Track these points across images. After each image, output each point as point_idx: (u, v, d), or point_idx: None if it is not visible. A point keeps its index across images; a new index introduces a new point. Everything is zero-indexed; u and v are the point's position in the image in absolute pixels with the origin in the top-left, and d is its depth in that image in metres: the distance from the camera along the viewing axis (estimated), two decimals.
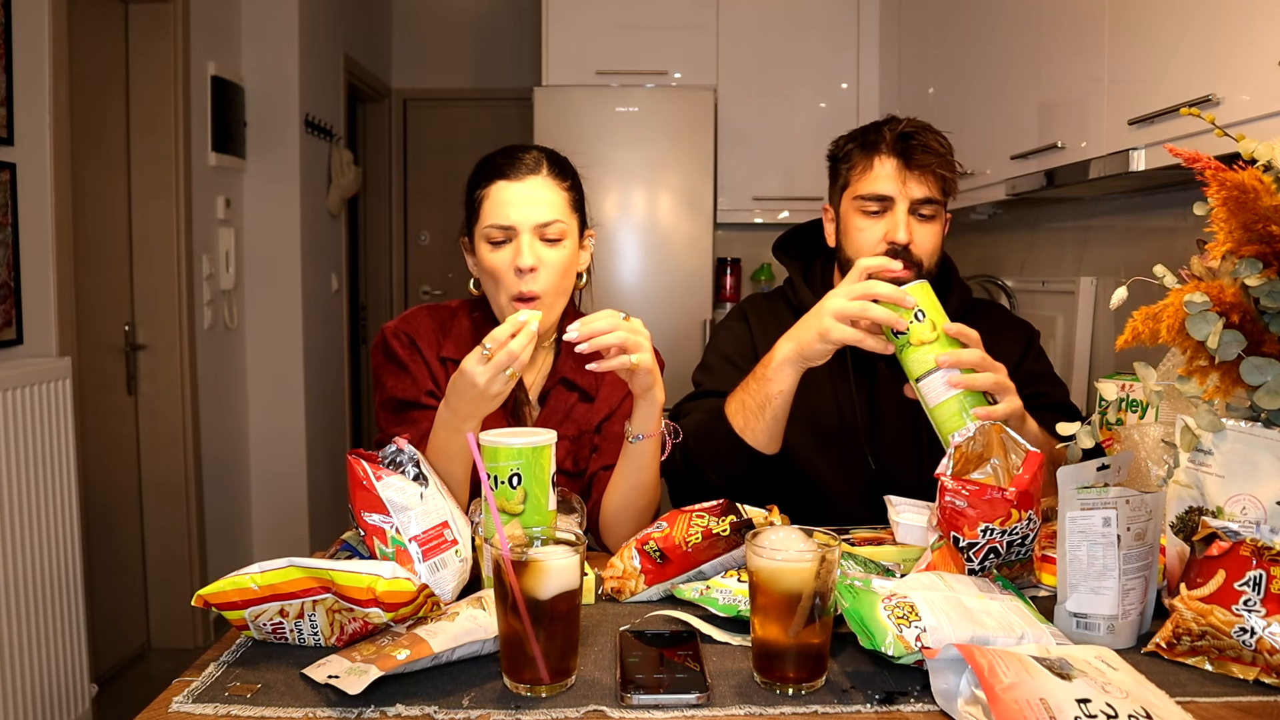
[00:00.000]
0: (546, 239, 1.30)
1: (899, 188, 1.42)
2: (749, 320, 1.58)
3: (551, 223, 1.30)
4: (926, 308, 1.21)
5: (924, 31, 3.10)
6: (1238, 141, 0.97)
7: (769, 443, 1.35)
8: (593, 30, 3.62)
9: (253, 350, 3.66)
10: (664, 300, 3.55)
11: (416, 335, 1.37)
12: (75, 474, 2.40)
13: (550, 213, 1.31)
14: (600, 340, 1.13)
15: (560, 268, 1.31)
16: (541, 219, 1.30)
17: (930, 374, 1.19)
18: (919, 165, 1.41)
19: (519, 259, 1.28)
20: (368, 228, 5.12)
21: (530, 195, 1.31)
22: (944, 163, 1.42)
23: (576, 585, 0.86)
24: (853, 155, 1.47)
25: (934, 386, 1.19)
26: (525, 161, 1.33)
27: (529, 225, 1.29)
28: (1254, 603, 0.87)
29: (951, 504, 1.03)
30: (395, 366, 1.37)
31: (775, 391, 1.32)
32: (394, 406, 1.36)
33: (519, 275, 1.29)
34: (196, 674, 0.88)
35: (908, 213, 1.41)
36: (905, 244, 1.40)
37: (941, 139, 1.44)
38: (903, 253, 1.40)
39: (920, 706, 0.82)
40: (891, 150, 1.42)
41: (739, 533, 1.08)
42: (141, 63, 3.06)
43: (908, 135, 1.42)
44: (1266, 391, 0.92)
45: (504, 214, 1.29)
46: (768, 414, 1.33)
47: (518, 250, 1.29)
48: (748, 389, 1.35)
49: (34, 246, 2.40)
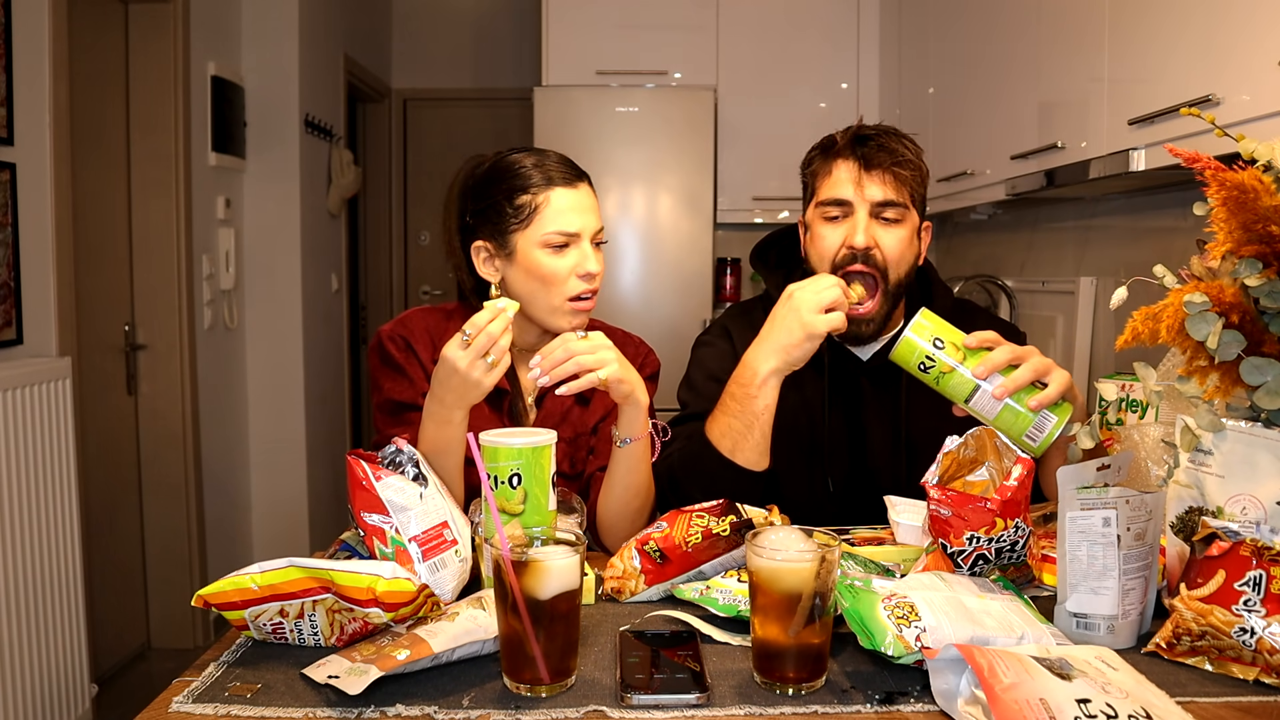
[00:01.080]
0: (597, 244, 1.35)
1: (857, 191, 1.38)
2: (732, 336, 1.52)
3: (601, 228, 1.36)
4: (941, 333, 1.19)
5: (924, 31, 3.10)
6: (1238, 141, 0.97)
7: (760, 459, 1.32)
8: (593, 30, 3.62)
9: (253, 350, 3.66)
10: (664, 300, 3.55)
11: (412, 337, 1.38)
12: (75, 474, 2.40)
13: (600, 219, 1.36)
14: (559, 371, 1.17)
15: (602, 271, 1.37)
16: (598, 225, 1.35)
17: (975, 393, 1.16)
18: (876, 166, 1.37)
19: (587, 264, 1.31)
20: (368, 228, 5.12)
21: (589, 203, 1.35)
22: (903, 162, 1.38)
23: (576, 585, 0.86)
24: (814, 162, 1.44)
25: (984, 403, 1.16)
26: (575, 168, 1.36)
27: (590, 231, 1.33)
28: (1254, 603, 0.87)
29: (937, 512, 1.03)
30: (391, 369, 1.38)
31: (761, 407, 1.29)
32: (390, 408, 1.37)
33: (583, 279, 1.32)
34: (196, 674, 0.88)
35: (869, 216, 1.38)
36: (864, 247, 1.37)
37: (906, 142, 1.40)
38: (863, 256, 1.38)
39: (920, 706, 0.82)
40: (848, 153, 1.39)
41: (739, 533, 1.08)
42: (141, 63, 3.06)
43: (864, 137, 1.39)
44: (1266, 391, 0.92)
45: (569, 220, 1.31)
46: (756, 432, 1.30)
47: (584, 256, 1.32)
48: (728, 410, 1.31)
49: (34, 246, 2.40)
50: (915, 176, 1.40)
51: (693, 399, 1.49)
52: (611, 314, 3.46)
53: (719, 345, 1.53)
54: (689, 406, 1.49)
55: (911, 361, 1.19)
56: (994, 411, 1.16)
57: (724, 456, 1.31)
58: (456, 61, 5.11)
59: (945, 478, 1.09)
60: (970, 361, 1.17)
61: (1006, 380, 1.15)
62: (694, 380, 1.52)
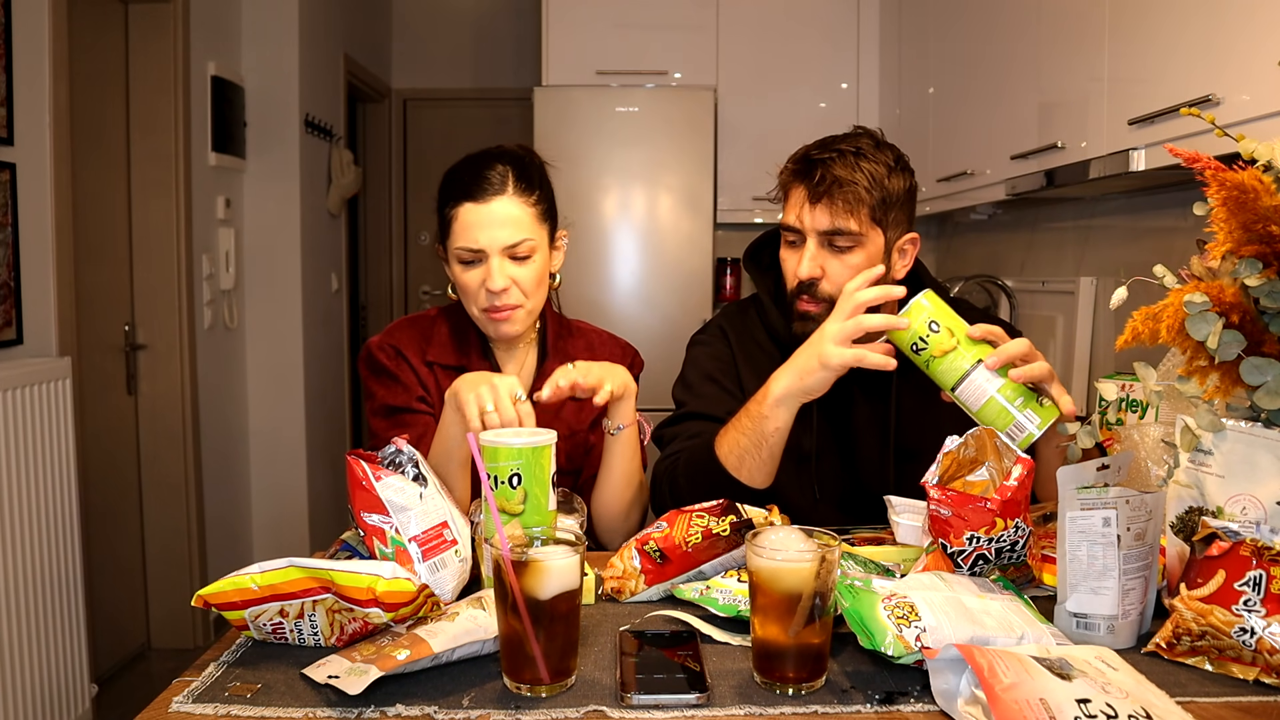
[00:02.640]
0: (516, 257, 1.33)
1: (800, 219, 1.34)
2: (728, 336, 1.51)
3: (520, 242, 1.33)
4: (939, 316, 1.18)
5: (924, 31, 3.10)
6: (1238, 141, 0.97)
7: (765, 479, 1.30)
8: (593, 30, 3.62)
9: (253, 350, 3.66)
10: (664, 300, 3.55)
11: (401, 345, 1.42)
12: (75, 474, 2.40)
13: (517, 233, 1.33)
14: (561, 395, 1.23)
15: (532, 282, 1.35)
16: (509, 240, 1.32)
17: (963, 381, 1.16)
18: (823, 195, 1.32)
19: (489, 281, 1.32)
20: (368, 228, 5.12)
21: (497, 217, 1.32)
22: (852, 188, 1.31)
23: (576, 585, 0.86)
24: (780, 181, 1.41)
25: (971, 392, 1.16)
26: (491, 180, 1.33)
27: (497, 248, 1.32)
28: (1254, 603, 0.87)
29: (937, 512, 1.03)
30: (384, 377, 1.40)
31: (772, 429, 1.26)
32: (386, 412, 1.39)
33: (490, 295, 1.33)
34: (196, 674, 0.88)
35: (818, 246, 1.34)
36: (808, 279, 1.34)
37: (869, 167, 1.32)
38: (807, 287, 1.35)
39: (920, 706, 0.82)
40: (800, 180, 1.35)
41: (739, 533, 1.08)
42: (141, 63, 3.07)
43: (812, 162, 1.34)
44: (1266, 391, 0.92)
45: (472, 237, 1.32)
46: (764, 452, 1.27)
47: (488, 272, 1.32)
48: (740, 427, 1.29)
49: (34, 246, 2.40)
50: (875, 198, 1.33)
51: (689, 398, 1.48)
52: (612, 314, 3.46)
53: (714, 345, 1.52)
54: (685, 405, 1.48)
55: (905, 340, 1.19)
56: (979, 403, 1.16)
57: (728, 472, 1.29)
58: (456, 61, 5.11)
59: (945, 478, 1.09)
60: (965, 349, 1.16)
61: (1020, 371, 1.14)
62: (689, 379, 1.51)
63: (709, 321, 1.60)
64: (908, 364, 1.50)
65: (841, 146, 1.35)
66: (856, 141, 1.37)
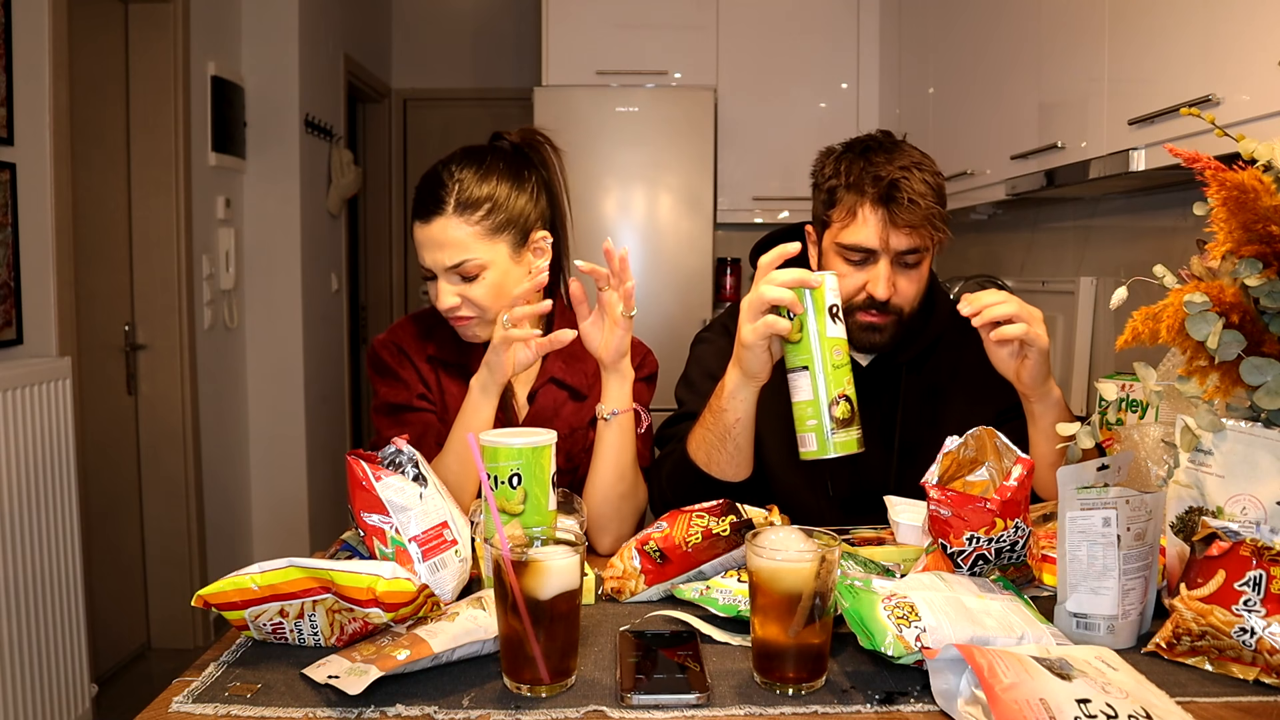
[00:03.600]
0: (464, 276, 1.33)
1: (882, 241, 1.32)
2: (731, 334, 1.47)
3: (461, 263, 1.31)
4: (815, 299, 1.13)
5: (924, 31, 3.10)
6: (1238, 141, 0.97)
7: (736, 472, 1.29)
8: (593, 30, 3.63)
9: (253, 350, 3.66)
10: (664, 300, 3.55)
11: (403, 343, 1.43)
12: (75, 474, 2.40)
13: (458, 254, 1.31)
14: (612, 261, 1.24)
15: (487, 297, 1.32)
16: (450, 262, 1.32)
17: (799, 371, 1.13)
18: (905, 221, 1.30)
19: (438, 301, 1.34)
20: (368, 228, 5.12)
21: (438, 238, 1.32)
22: (930, 215, 1.31)
23: (576, 585, 0.86)
24: (837, 195, 1.35)
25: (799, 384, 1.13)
26: (432, 199, 1.33)
27: (441, 268, 1.33)
28: (1254, 603, 0.87)
29: (936, 512, 1.03)
30: (386, 375, 1.42)
31: (733, 420, 1.25)
32: (387, 410, 1.41)
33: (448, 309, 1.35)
34: (196, 674, 0.88)
35: (890, 264, 1.33)
36: (885, 299, 1.34)
37: (930, 178, 1.32)
38: (880, 305, 1.34)
39: (920, 706, 0.82)
40: (877, 201, 1.31)
41: (739, 533, 1.08)
42: (141, 63, 3.07)
43: (895, 185, 1.30)
44: (1266, 391, 0.92)
45: (421, 256, 1.34)
46: (729, 445, 1.26)
47: (438, 290, 1.34)
48: (705, 423, 1.29)
49: (34, 246, 2.40)
50: (939, 209, 1.34)
51: (690, 397, 1.48)
52: None
53: (718, 342, 1.51)
54: (686, 405, 1.48)
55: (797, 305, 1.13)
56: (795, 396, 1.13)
57: (699, 469, 1.29)
58: (456, 61, 5.11)
59: (945, 478, 1.09)
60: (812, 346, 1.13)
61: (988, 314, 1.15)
62: (691, 378, 1.50)
63: (713, 319, 1.60)
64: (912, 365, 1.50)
65: (903, 161, 1.32)
66: (907, 152, 1.34)
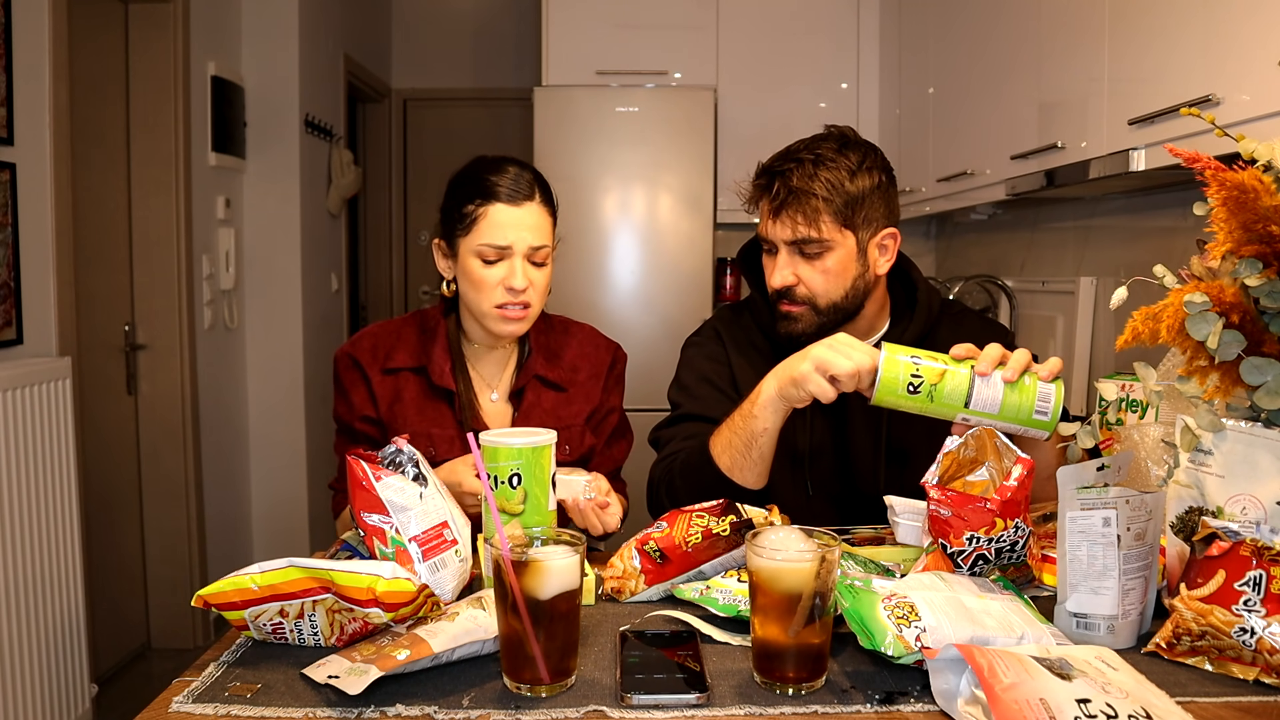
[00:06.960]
0: (535, 262, 1.40)
1: (771, 231, 1.37)
2: (723, 338, 1.51)
3: (541, 247, 1.40)
4: (914, 354, 1.13)
5: (924, 31, 3.10)
6: (1238, 141, 0.97)
7: (757, 480, 1.29)
8: (593, 30, 3.62)
9: (253, 350, 3.66)
10: (664, 300, 3.55)
11: (359, 356, 1.46)
12: (75, 474, 2.40)
13: (541, 238, 1.40)
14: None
15: (544, 286, 1.43)
16: (534, 243, 1.39)
17: (973, 391, 1.11)
18: (783, 207, 1.35)
19: (512, 279, 1.37)
20: (368, 228, 5.12)
21: (527, 221, 1.38)
22: (810, 203, 1.32)
23: (576, 585, 0.86)
24: (751, 191, 1.43)
25: (985, 397, 1.10)
26: (522, 186, 1.39)
27: (523, 249, 1.38)
28: (1254, 603, 0.87)
29: (937, 512, 1.03)
30: (338, 389, 1.48)
31: (760, 429, 1.26)
32: (337, 426, 1.49)
33: (509, 293, 1.38)
34: (196, 674, 0.88)
35: (790, 254, 1.37)
36: (781, 287, 1.38)
37: (832, 175, 1.33)
38: (785, 295, 1.38)
39: (920, 706, 0.82)
40: (763, 193, 1.38)
41: (739, 533, 1.08)
42: (141, 63, 3.06)
43: (771, 174, 1.36)
44: (1266, 391, 0.92)
45: (502, 235, 1.37)
46: (754, 453, 1.27)
47: (511, 271, 1.38)
48: (733, 426, 1.29)
49: (34, 246, 2.40)
50: (837, 203, 1.34)
51: (684, 399, 1.48)
52: (612, 313, 3.46)
53: (709, 345, 1.52)
54: (680, 407, 1.48)
55: (897, 389, 1.12)
56: (997, 402, 1.10)
57: (722, 472, 1.29)
58: (456, 61, 5.11)
59: (945, 478, 1.09)
60: (956, 365, 1.12)
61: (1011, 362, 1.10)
62: (684, 380, 1.51)
63: (703, 323, 1.60)
64: None
65: (801, 155, 1.37)
66: (817, 148, 1.37)
